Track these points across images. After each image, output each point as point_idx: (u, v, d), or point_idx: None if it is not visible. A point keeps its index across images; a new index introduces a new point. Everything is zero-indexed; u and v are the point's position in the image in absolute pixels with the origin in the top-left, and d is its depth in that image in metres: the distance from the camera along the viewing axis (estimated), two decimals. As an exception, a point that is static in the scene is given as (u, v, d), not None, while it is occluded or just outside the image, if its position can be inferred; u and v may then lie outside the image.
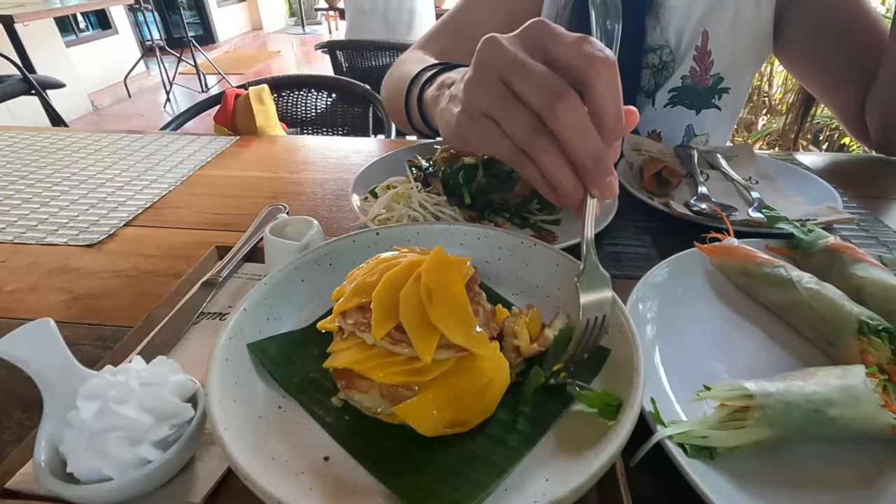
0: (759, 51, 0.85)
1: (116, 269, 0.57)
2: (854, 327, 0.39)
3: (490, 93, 0.36)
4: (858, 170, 0.82)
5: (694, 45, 0.83)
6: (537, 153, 0.34)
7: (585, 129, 0.32)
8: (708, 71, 0.84)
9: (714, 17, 0.81)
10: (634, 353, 0.34)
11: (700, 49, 0.83)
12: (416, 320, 0.32)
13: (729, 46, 0.83)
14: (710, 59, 0.83)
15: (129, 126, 4.24)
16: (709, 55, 0.83)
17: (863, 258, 0.47)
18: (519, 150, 0.36)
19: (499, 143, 0.37)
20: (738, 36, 0.82)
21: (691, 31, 0.82)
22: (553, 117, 0.32)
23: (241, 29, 7.81)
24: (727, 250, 0.50)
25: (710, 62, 0.83)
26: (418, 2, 2.17)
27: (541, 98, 0.33)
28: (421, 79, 0.62)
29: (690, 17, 0.82)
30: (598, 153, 0.33)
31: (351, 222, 0.65)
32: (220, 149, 0.91)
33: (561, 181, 0.34)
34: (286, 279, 0.43)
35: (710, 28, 0.82)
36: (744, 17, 0.81)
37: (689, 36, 0.83)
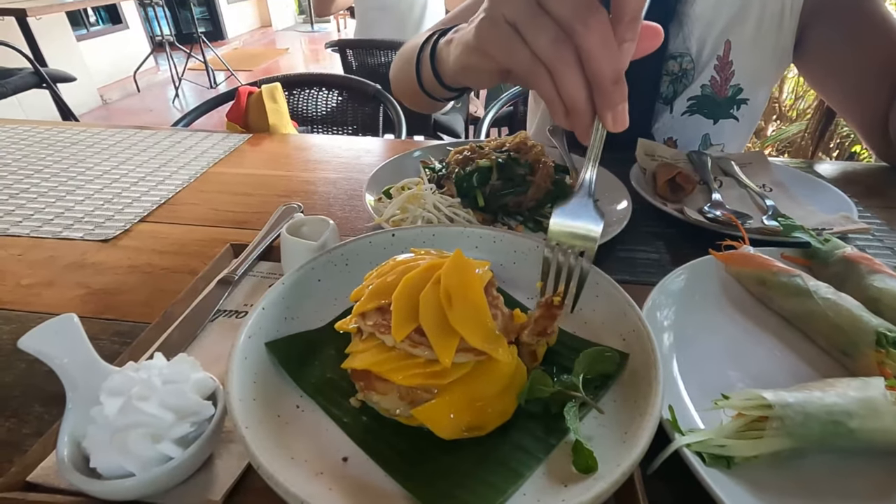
0: (780, 63, 0.84)
1: (132, 264, 0.58)
2: (872, 338, 0.39)
3: (517, 1, 0.35)
4: (874, 179, 0.81)
5: (716, 54, 0.82)
6: (558, 65, 0.33)
7: (612, 47, 0.32)
8: (728, 81, 0.84)
9: (737, 27, 0.81)
10: (653, 360, 0.34)
11: (722, 59, 0.82)
12: (436, 323, 0.32)
13: (750, 57, 0.82)
14: (731, 69, 0.83)
15: (138, 121, 4.26)
16: (730, 65, 0.83)
17: (880, 269, 0.47)
18: (538, 61, 0.34)
19: (519, 52, 0.35)
20: (760, 47, 0.82)
21: (713, 40, 0.82)
22: (584, 29, 0.32)
23: (250, 26, 7.83)
24: (743, 258, 0.50)
25: (731, 72, 0.83)
26: None
27: (573, 8, 0.32)
28: (433, 38, 0.61)
29: (713, 26, 0.81)
30: (618, 75, 0.32)
31: (365, 223, 0.65)
32: (233, 146, 0.91)
33: (577, 98, 0.33)
34: (303, 279, 0.43)
35: (733, 38, 0.82)
36: (767, 28, 0.81)
37: (711, 45, 0.83)
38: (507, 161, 0.64)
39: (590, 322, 0.42)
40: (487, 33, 0.39)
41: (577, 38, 0.32)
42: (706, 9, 0.80)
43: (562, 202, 0.37)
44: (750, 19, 0.81)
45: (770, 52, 0.82)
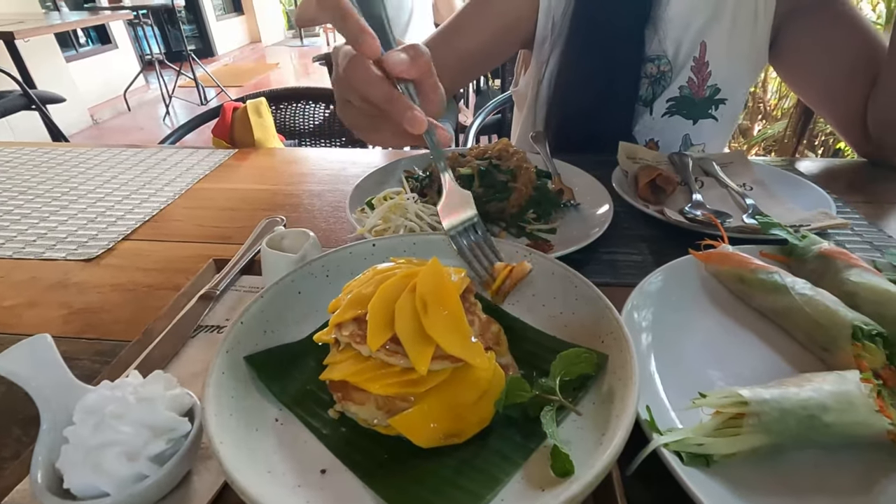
0: (756, 63, 0.86)
1: (115, 283, 0.57)
2: (848, 332, 0.39)
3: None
4: (853, 175, 0.82)
5: (692, 56, 0.84)
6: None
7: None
8: (705, 82, 0.85)
9: (712, 29, 0.83)
10: (629, 361, 0.34)
11: (698, 60, 0.84)
12: (412, 331, 0.33)
13: (726, 58, 0.84)
14: (708, 70, 0.84)
15: (129, 139, 4.26)
16: (706, 66, 0.84)
17: (856, 263, 0.47)
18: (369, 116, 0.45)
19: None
20: (735, 48, 0.83)
21: (689, 42, 0.84)
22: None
23: (240, 42, 7.88)
24: (722, 257, 0.50)
25: (708, 73, 0.84)
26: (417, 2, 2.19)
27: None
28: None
29: (689, 28, 0.83)
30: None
31: (348, 234, 0.66)
32: (218, 162, 0.91)
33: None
34: (283, 291, 0.43)
35: (708, 40, 0.83)
36: (741, 30, 0.82)
37: (686, 47, 0.84)
38: (489, 168, 0.65)
39: (569, 325, 0.42)
40: (342, 115, 0.51)
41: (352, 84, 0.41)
42: (680, 11, 0.81)
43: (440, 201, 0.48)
44: (724, 21, 0.82)
45: (745, 52, 0.84)
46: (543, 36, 0.86)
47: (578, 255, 0.56)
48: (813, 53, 0.81)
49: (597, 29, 0.80)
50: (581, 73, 0.84)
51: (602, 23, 0.80)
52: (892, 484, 0.32)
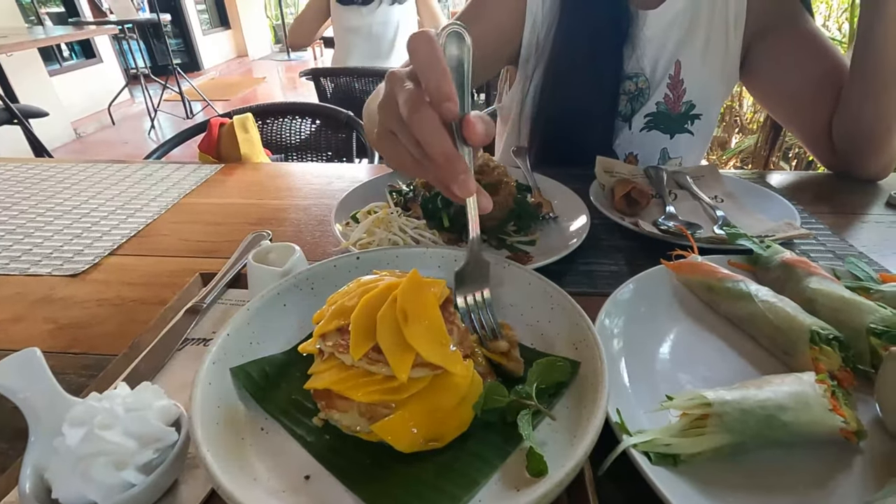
0: (728, 81, 0.90)
1: (101, 298, 0.58)
2: (807, 337, 0.42)
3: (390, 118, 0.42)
4: (820, 187, 0.86)
5: (667, 73, 0.88)
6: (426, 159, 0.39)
7: (436, 135, 0.37)
8: (680, 98, 0.89)
9: (686, 48, 0.87)
10: (600, 367, 0.36)
11: (673, 77, 0.88)
12: (393, 340, 0.34)
13: (700, 76, 0.88)
14: (683, 87, 0.88)
15: (113, 153, 4.23)
16: (681, 83, 0.88)
17: (816, 272, 0.50)
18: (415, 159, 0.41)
19: (401, 149, 0.42)
20: (709, 67, 0.88)
21: (665, 60, 0.87)
22: (414, 124, 0.38)
23: (227, 56, 7.89)
24: (691, 266, 0.52)
25: (683, 90, 0.88)
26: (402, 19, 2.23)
27: (408, 113, 0.38)
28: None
29: (664, 48, 0.87)
30: (446, 154, 0.37)
31: (333, 247, 0.67)
32: (205, 177, 0.92)
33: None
34: (269, 304, 0.44)
35: (683, 58, 0.87)
36: (713, 50, 0.87)
37: (662, 65, 0.88)
38: (470, 182, 0.67)
39: (546, 333, 0.44)
40: (379, 142, 0.47)
41: (413, 130, 0.38)
42: (656, 32, 0.85)
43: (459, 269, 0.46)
44: (697, 41, 0.86)
45: (718, 71, 0.88)
46: (528, 54, 0.89)
47: (557, 266, 0.58)
48: (780, 72, 0.85)
49: (578, 47, 0.84)
50: (563, 89, 0.87)
51: (583, 42, 0.83)
52: (846, 478, 0.35)
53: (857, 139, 0.80)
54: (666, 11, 0.84)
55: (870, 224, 0.72)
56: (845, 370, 0.41)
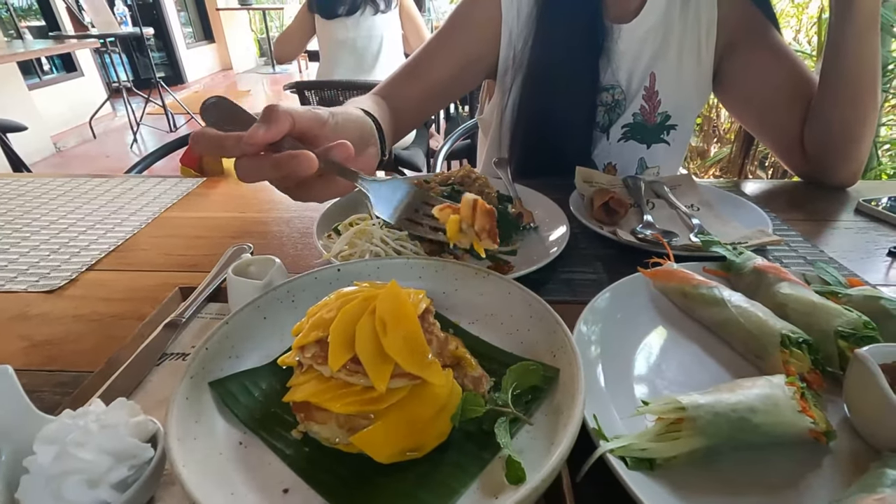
0: (701, 93, 0.93)
1: (77, 314, 0.57)
2: (777, 341, 0.43)
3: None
4: (792, 195, 0.88)
5: (643, 85, 0.90)
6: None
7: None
8: (656, 109, 0.91)
9: (660, 61, 0.89)
10: (576, 373, 0.36)
11: (648, 89, 0.90)
12: (371, 351, 0.34)
13: (674, 88, 0.90)
14: (658, 98, 0.91)
15: (94, 167, 4.17)
16: (656, 95, 0.90)
17: (786, 277, 0.51)
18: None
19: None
20: (682, 79, 0.90)
21: (640, 73, 0.90)
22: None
23: (211, 69, 7.87)
24: (667, 274, 0.54)
25: (658, 101, 0.91)
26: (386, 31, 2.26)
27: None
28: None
29: (639, 60, 0.89)
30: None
31: (315, 259, 0.67)
32: (187, 190, 0.92)
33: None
34: (248, 317, 0.44)
35: (657, 71, 0.89)
36: (686, 63, 0.89)
37: (638, 77, 0.90)
38: (452, 193, 0.67)
39: (525, 341, 0.44)
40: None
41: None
42: (630, 45, 0.88)
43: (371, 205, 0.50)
44: (670, 54, 0.88)
45: (691, 83, 0.91)
46: (505, 67, 0.91)
47: (537, 275, 0.59)
48: (751, 84, 0.88)
49: (554, 61, 0.85)
50: (541, 101, 0.89)
51: (559, 55, 0.85)
52: (816, 478, 0.35)
53: (828, 147, 0.83)
54: (639, 25, 0.87)
55: (839, 230, 0.75)
56: (815, 372, 0.42)
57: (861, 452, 0.37)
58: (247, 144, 0.42)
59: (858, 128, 0.78)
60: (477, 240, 0.49)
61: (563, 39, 0.84)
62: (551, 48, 0.85)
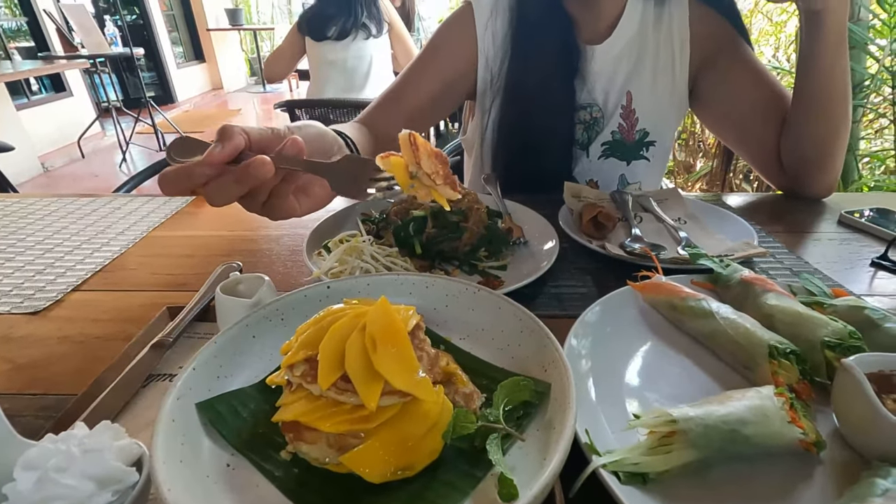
0: (678, 109, 0.95)
1: (62, 335, 0.56)
2: (765, 351, 0.43)
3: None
4: (774, 207, 0.90)
5: (619, 104, 0.92)
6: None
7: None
8: (634, 127, 0.93)
9: (635, 80, 0.91)
10: (568, 387, 0.36)
11: (625, 108, 0.92)
12: (361, 368, 0.34)
13: (650, 106, 0.92)
14: (635, 116, 0.92)
15: (81, 187, 4.14)
16: (633, 113, 0.92)
17: (772, 288, 0.52)
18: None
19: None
20: (658, 97, 0.92)
21: (616, 92, 0.92)
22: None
23: (201, 88, 7.89)
24: (656, 287, 0.54)
25: (635, 119, 0.93)
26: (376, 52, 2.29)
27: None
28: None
29: (614, 80, 0.91)
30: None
31: (305, 277, 0.67)
32: (176, 209, 0.91)
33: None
34: (237, 336, 0.43)
35: (633, 89, 0.91)
36: (661, 81, 0.91)
37: (614, 96, 0.92)
38: (441, 209, 0.68)
39: (516, 356, 0.44)
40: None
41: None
42: (605, 65, 0.90)
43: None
44: (645, 74, 0.91)
45: (667, 100, 0.93)
46: (484, 89, 0.93)
47: (528, 289, 0.59)
48: (726, 100, 0.90)
49: (530, 82, 0.87)
50: (520, 121, 0.90)
51: (534, 77, 0.87)
52: (807, 488, 0.35)
53: (804, 160, 0.85)
54: (612, 46, 0.89)
55: (823, 241, 0.76)
56: (803, 382, 0.42)
57: (851, 462, 0.37)
58: (206, 166, 0.43)
59: (831, 141, 0.81)
60: (434, 189, 0.47)
61: (537, 61, 0.86)
62: (527, 70, 0.87)
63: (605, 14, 0.89)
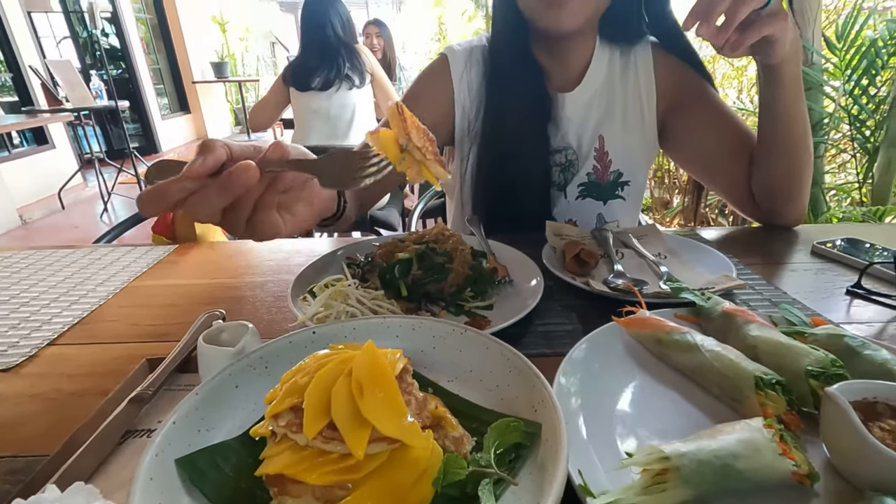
0: (649, 151, 1.00)
1: (35, 392, 0.54)
2: (752, 383, 0.43)
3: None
4: (750, 240, 0.93)
5: (593, 147, 0.96)
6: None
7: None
8: (608, 168, 0.97)
9: (606, 124, 0.96)
10: (558, 427, 0.36)
11: (599, 150, 0.96)
12: (348, 415, 0.33)
13: (622, 148, 0.97)
14: (609, 158, 0.97)
15: (61, 238, 4.07)
16: (606, 155, 0.96)
17: (754, 319, 0.53)
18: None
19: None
20: (629, 140, 0.97)
21: (589, 136, 0.96)
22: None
23: (186, 138, 7.98)
24: (640, 321, 0.55)
25: (609, 161, 0.97)
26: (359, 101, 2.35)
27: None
28: None
29: (586, 125, 0.96)
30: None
31: (290, 323, 0.66)
32: (157, 258, 0.90)
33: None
34: (220, 387, 0.42)
35: (605, 133, 0.96)
36: (632, 125, 0.96)
37: (587, 140, 0.96)
38: (426, 251, 0.68)
39: (506, 397, 0.44)
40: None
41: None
42: (576, 111, 0.95)
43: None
44: (616, 119, 0.96)
45: (638, 143, 0.97)
46: (461, 136, 0.97)
47: (515, 328, 0.59)
48: (695, 140, 0.95)
49: (506, 129, 0.91)
50: (497, 166, 0.93)
51: (509, 124, 0.91)
52: (804, 524, 0.35)
53: (773, 193, 0.89)
54: (582, 94, 0.94)
55: (798, 272, 0.78)
56: (791, 413, 0.42)
57: (846, 493, 0.37)
58: (186, 180, 0.42)
59: (797, 175, 0.85)
60: (425, 163, 0.47)
61: (511, 109, 0.91)
62: (501, 118, 0.91)
63: (574, 64, 0.94)
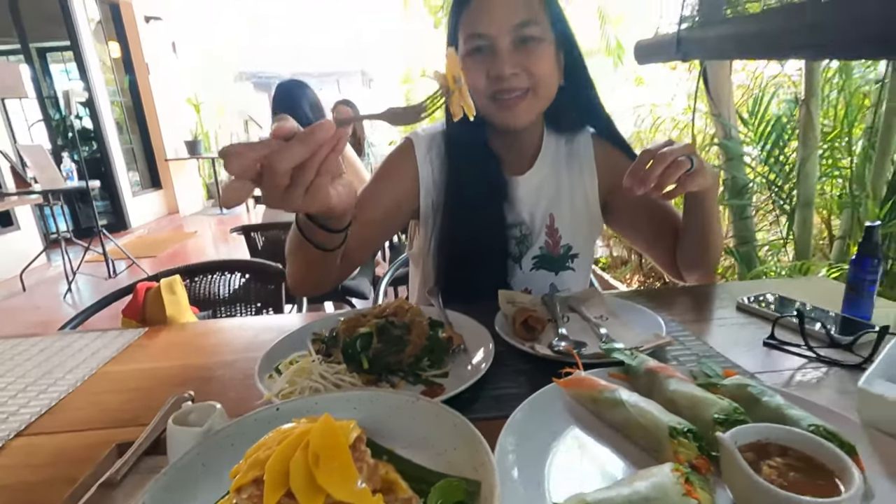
0: (595, 227, 1.14)
1: (2, 485, 0.55)
2: (667, 433, 0.49)
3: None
4: (685, 298, 1.03)
5: (544, 224, 1.08)
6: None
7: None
8: (558, 244, 1.09)
9: (555, 205, 1.09)
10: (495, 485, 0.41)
11: (549, 227, 1.08)
12: (304, 484, 0.38)
13: (570, 225, 1.10)
14: (559, 234, 1.08)
15: (21, 320, 3.93)
16: (557, 231, 1.08)
17: (673, 375, 0.60)
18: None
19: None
20: (576, 218, 1.10)
21: (540, 214, 1.08)
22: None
23: (157, 214, 7.96)
24: (577, 382, 0.61)
25: (559, 237, 1.08)
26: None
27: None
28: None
29: (537, 205, 1.08)
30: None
31: (258, 400, 0.69)
32: (127, 342, 0.93)
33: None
34: (187, 467, 0.46)
35: (555, 212, 1.08)
36: (578, 207, 1.10)
37: (539, 218, 1.08)
38: (386, 325, 0.74)
39: (452, 460, 0.48)
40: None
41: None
42: (528, 192, 1.07)
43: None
44: (564, 199, 1.08)
45: (585, 220, 1.10)
46: (426, 213, 1.06)
47: (468, 393, 0.64)
48: (632, 218, 1.11)
49: (465, 207, 1.01)
50: (458, 240, 1.02)
51: (468, 203, 1.01)
52: (709, 558, 0.40)
53: (691, 264, 1.05)
54: (533, 177, 1.07)
55: (726, 326, 0.87)
56: (701, 458, 0.48)
57: (747, 528, 0.42)
58: (271, 139, 0.53)
59: (711, 254, 1.02)
60: (467, 97, 0.62)
61: (469, 191, 1.01)
62: (461, 198, 1.02)
63: (525, 152, 1.08)
